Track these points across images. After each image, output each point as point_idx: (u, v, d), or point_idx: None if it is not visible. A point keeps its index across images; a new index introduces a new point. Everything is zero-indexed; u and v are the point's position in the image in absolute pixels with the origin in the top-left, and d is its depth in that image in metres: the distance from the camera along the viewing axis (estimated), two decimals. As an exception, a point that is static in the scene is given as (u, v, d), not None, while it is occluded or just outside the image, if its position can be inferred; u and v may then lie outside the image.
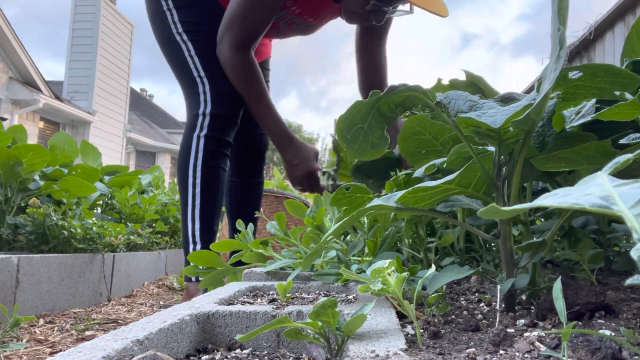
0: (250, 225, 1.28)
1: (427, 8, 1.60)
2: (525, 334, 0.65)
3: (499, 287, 0.83)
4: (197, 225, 1.69)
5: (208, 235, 1.70)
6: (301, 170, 1.79)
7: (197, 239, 1.68)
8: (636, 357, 0.54)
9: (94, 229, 2.13)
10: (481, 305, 0.95)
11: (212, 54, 1.74)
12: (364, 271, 0.94)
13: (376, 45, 2.05)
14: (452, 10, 1.71)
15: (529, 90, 3.87)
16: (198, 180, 1.70)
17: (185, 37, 1.75)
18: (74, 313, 1.84)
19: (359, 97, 2.12)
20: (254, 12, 1.66)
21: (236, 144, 1.91)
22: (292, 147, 1.78)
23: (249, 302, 0.89)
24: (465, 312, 0.86)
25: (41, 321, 1.64)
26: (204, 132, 1.71)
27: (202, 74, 1.74)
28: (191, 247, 1.68)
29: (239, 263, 1.27)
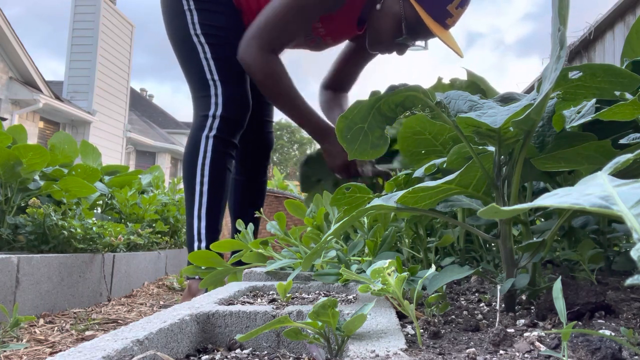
0: (251, 225, 1.28)
1: (450, 45, 1.65)
2: (525, 334, 0.65)
3: (499, 287, 0.83)
4: (203, 224, 1.71)
5: (213, 234, 1.72)
6: (341, 158, 1.77)
7: (203, 236, 1.69)
8: (636, 357, 0.54)
9: (94, 229, 2.13)
10: (481, 305, 0.95)
11: (227, 59, 1.77)
12: (364, 271, 0.94)
13: (361, 65, 2.13)
14: (457, 9, 1.73)
15: (529, 90, 3.87)
16: (206, 179, 1.72)
17: (202, 40, 1.77)
18: (74, 313, 1.84)
19: (361, 97, 2.14)
20: (292, 21, 1.67)
21: (243, 142, 1.93)
22: (331, 137, 1.77)
23: (249, 302, 0.89)
24: (465, 312, 0.86)
25: (41, 321, 1.64)
26: (213, 132, 1.74)
27: (216, 77, 1.76)
28: (196, 244, 1.69)
29: (239, 263, 1.27)
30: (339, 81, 2.14)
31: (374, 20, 1.77)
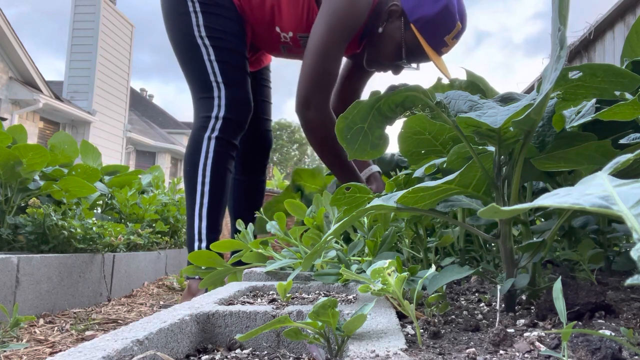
0: (251, 225, 1.29)
1: (442, 69, 1.75)
2: (525, 334, 0.65)
3: (499, 287, 0.83)
4: (204, 223, 1.72)
5: (213, 234, 1.73)
6: None
7: (203, 236, 1.70)
8: (636, 357, 0.54)
9: (94, 229, 2.13)
10: (481, 305, 0.95)
11: (231, 62, 1.81)
12: (364, 271, 0.94)
13: (364, 81, 2.18)
14: (467, 7, 1.82)
15: (529, 90, 3.87)
16: (207, 179, 1.74)
17: (207, 42, 1.79)
18: (74, 313, 1.84)
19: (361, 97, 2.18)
20: (333, 66, 1.72)
21: (242, 141, 1.94)
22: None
23: (249, 302, 0.89)
24: (465, 312, 0.86)
25: (41, 321, 1.64)
26: (215, 133, 1.76)
27: (220, 79, 1.78)
28: (196, 244, 1.70)
29: (239, 263, 1.27)
30: (344, 103, 2.15)
31: (374, 41, 1.84)
